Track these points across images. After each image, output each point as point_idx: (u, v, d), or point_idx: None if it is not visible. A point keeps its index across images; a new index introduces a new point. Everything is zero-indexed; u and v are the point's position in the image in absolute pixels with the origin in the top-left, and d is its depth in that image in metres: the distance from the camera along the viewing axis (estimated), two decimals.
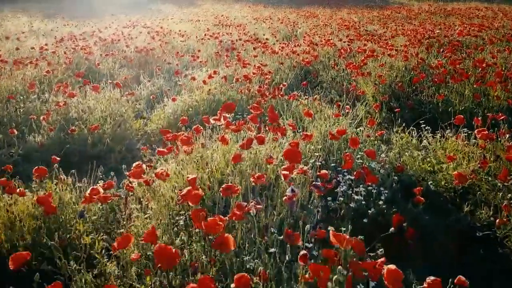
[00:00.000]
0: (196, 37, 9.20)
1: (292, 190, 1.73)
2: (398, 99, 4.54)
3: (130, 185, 2.11)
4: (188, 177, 1.84)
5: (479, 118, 3.07)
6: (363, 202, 2.37)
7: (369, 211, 2.31)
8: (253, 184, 1.88)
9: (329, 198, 2.48)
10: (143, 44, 7.76)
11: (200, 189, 2.19)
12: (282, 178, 1.85)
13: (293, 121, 3.39)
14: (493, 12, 15.86)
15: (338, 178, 2.64)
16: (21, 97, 4.17)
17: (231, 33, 9.94)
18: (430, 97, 4.29)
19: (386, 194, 2.43)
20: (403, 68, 5.01)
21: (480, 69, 4.43)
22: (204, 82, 4.29)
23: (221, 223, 1.45)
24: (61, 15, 15.85)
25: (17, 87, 4.54)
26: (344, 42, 7.62)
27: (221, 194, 1.75)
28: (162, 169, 1.93)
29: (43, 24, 12.98)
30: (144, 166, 2.13)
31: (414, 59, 5.17)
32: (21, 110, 3.95)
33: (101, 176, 3.02)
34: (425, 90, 4.36)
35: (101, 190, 1.82)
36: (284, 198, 1.73)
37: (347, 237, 1.47)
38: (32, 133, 3.60)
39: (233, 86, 4.55)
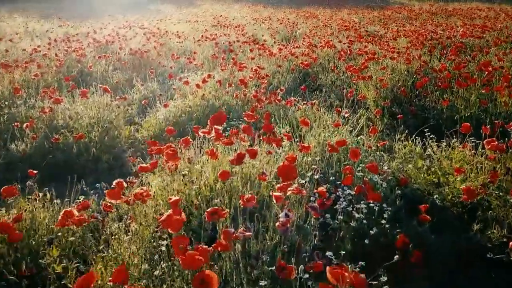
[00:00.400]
0: (193, 38, 9.02)
1: (286, 215, 1.55)
2: (400, 104, 4.35)
3: (109, 204, 1.92)
4: (170, 198, 1.66)
5: (488, 127, 2.88)
6: (364, 221, 2.18)
7: (371, 232, 2.13)
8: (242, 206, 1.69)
9: (327, 215, 2.30)
10: (138, 45, 7.57)
11: (185, 210, 2.01)
12: (274, 201, 1.67)
13: (290, 129, 3.20)
14: (495, 12, 15.66)
15: (337, 193, 2.46)
16: (6, 103, 3.98)
17: (229, 34, 9.75)
18: (434, 102, 4.10)
19: (389, 212, 2.24)
20: (405, 72, 4.82)
21: (486, 73, 4.24)
22: (198, 86, 4.11)
23: (201, 258, 1.27)
24: (58, 16, 15.67)
25: (3, 91, 4.35)
26: (344, 43, 7.43)
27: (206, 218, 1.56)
28: (142, 188, 1.75)
29: (39, 25, 12.80)
30: (124, 184, 1.95)
31: (417, 62, 4.99)
32: (5, 117, 3.76)
33: (85, 188, 2.85)
34: (428, 95, 4.17)
35: (76, 213, 1.64)
36: (277, 224, 1.54)
37: (346, 274, 1.28)
38: (15, 141, 3.41)
39: (228, 91, 4.36)
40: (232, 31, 10.83)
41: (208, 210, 1.56)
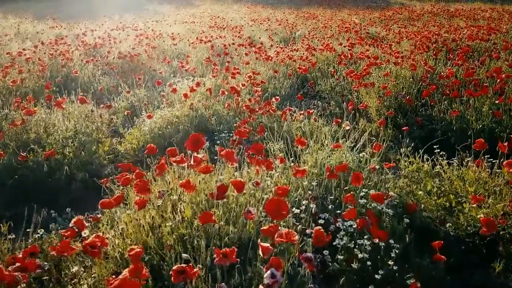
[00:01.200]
0: (188, 40, 8.69)
1: (272, 275, 1.23)
2: (405, 114, 4.04)
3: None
4: (131, 249, 1.34)
5: (505, 144, 2.55)
6: (369, 263, 1.86)
7: (376, 276, 1.81)
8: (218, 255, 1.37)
9: (326, 252, 1.99)
10: (128, 49, 7.24)
11: (156, 255, 1.69)
12: (261, 253, 1.35)
13: (284, 146, 2.88)
14: (498, 13, 15.31)
15: (337, 224, 2.14)
16: None
17: (225, 36, 9.41)
18: (442, 112, 3.78)
19: (396, 251, 1.92)
20: (410, 78, 4.49)
21: (498, 80, 3.92)
22: (186, 95, 3.78)
23: None
24: (54, 16, 15.34)
25: None
26: (345, 46, 7.10)
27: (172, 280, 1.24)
28: (98, 235, 1.42)
29: (31, 26, 12.47)
30: (86, 223, 1.64)
31: (422, 68, 4.66)
32: None
33: (53, 214, 2.54)
34: (436, 105, 3.85)
35: (4, 272, 1.32)
36: None
37: None
38: None
39: (219, 99, 4.04)
40: (229, 32, 10.50)
41: (174, 268, 1.24)
